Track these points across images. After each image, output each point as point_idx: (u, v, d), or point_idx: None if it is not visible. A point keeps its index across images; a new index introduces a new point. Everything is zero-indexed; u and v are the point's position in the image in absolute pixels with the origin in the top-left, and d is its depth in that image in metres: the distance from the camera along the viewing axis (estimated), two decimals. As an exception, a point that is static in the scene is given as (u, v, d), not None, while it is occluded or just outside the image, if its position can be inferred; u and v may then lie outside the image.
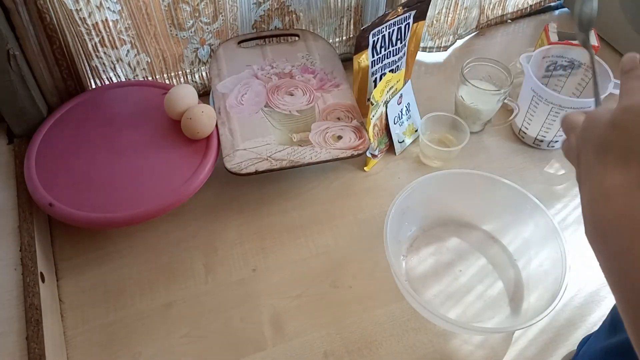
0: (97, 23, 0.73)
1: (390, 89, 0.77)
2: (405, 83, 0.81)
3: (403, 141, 0.83)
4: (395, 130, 0.81)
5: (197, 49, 0.83)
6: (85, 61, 0.77)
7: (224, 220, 0.74)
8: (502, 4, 1.03)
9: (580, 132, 0.36)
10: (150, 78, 0.84)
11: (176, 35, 0.80)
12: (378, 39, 0.78)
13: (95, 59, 0.77)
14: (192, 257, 0.70)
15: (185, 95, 0.73)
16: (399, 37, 0.80)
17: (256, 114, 0.77)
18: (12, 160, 0.74)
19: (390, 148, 0.83)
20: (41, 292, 0.60)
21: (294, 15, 0.88)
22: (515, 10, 1.06)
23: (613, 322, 0.50)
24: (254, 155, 0.73)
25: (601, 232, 0.33)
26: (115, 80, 0.82)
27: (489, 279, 0.69)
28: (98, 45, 0.76)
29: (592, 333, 0.57)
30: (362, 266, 0.70)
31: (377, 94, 0.74)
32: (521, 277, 0.69)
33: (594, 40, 0.86)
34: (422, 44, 0.98)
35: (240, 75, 0.82)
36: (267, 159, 0.72)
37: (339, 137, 0.75)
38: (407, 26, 0.81)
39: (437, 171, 0.68)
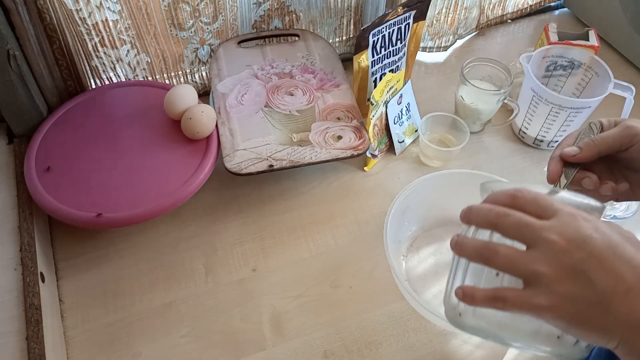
0: (97, 23, 0.73)
1: (390, 89, 0.77)
2: (405, 83, 0.81)
3: (403, 141, 0.83)
4: (395, 130, 0.81)
5: (197, 49, 0.83)
6: (85, 61, 0.77)
7: (224, 220, 0.74)
8: (502, 4, 1.03)
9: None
10: (150, 78, 0.84)
11: (176, 35, 0.80)
12: (378, 39, 0.78)
13: (95, 59, 0.77)
14: (192, 257, 0.70)
15: (185, 95, 0.73)
16: (399, 37, 0.80)
17: (256, 114, 0.77)
18: (12, 160, 0.74)
19: (390, 148, 0.83)
20: (41, 292, 0.60)
21: (294, 15, 0.88)
22: (515, 10, 1.06)
23: None
24: (254, 155, 0.73)
25: None
26: (115, 80, 0.82)
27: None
28: (98, 45, 0.76)
29: None
30: (362, 266, 0.70)
31: (377, 94, 0.74)
32: (521, 277, 0.68)
33: (594, 41, 0.85)
34: (422, 44, 0.98)
35: (240, 75, 0.82)
36: (267, 159, 0.72)
37: (339, 137, 0.75)
38: (407, 26, 0.81)
39: (437, 171, 0.68)
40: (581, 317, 0.33)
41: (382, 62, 0.81)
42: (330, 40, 0.93)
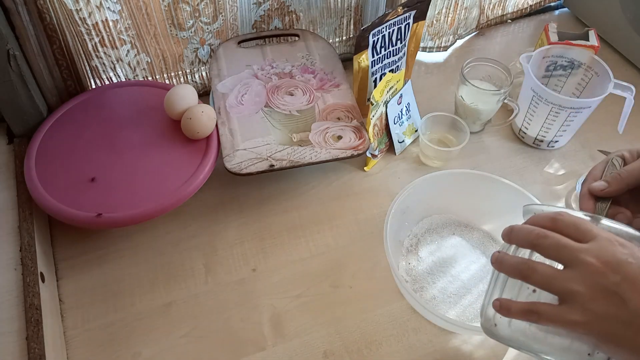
0: (97, 23, 0.73)
1: (390, 89, 0.77)
2: (405, 83, 0.81)
3: (403, 141, 0.84)
4: (395, 130, 0.81)
5: (197, 49, 0.84)
6: (85, 61, 0.77)
7: (224, 220, 0.74)
8: (502, 4, 1.03)
9: None
10: (150, 78, 0.84)
11: (176, 35, 0.80)
12: (378, 39, 0.78)
13: (95, 59, 0.77)
14: (192, 257, 0.70)
15: (185, 95, 0.73)
16: (399, 37, 0.80)
17: (256, 114, 0.77)
18: (12, 160, 0.74)
19: (390, 148, 0.83)
20: (41, 292, 0.60)
21: (294, 15, 0.88)
22: (515, 10, 1.06)
23: None
24: (254, 155, 0.73)
25: None
26: (115, 80, 0.82)
27: (489, 278, 0.69)
28: (98, 45, 0.76)
29: None
30: (362, 266, 0.70)
31: (377, 94, 0.74)
32: (521, 277, 0.68)
33: (594, 41, 0.85)
34: (422, 44, 0.98)
35: (240, 75, 0.82)
36: (267, 159, 0.72)
37: (339, 137, 0.75)
38: (407, 26, 0.81)
39: (437, 171, 0.68)
40: (613, 336, 0.35)
41: (382, 62, 0.81)
42: (330, 40, 0.93)
